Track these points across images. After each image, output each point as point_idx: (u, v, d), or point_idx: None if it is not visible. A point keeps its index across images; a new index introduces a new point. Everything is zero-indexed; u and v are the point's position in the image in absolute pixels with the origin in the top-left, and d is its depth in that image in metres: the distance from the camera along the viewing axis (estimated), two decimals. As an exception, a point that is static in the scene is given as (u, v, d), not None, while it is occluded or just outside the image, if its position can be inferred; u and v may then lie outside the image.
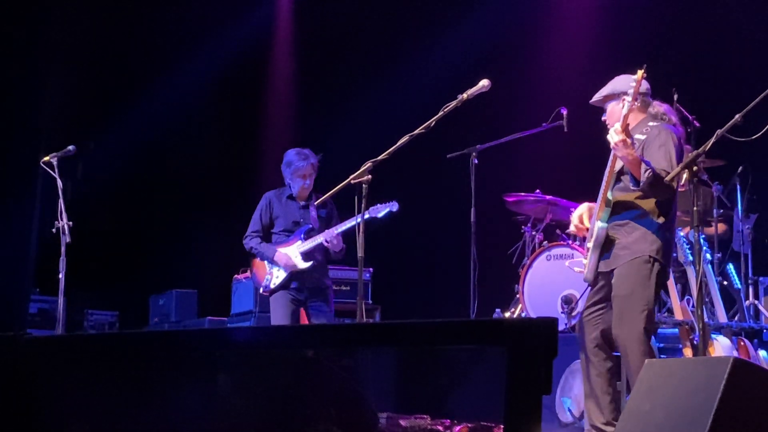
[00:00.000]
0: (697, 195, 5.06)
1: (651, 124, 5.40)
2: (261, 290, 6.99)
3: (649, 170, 5.12)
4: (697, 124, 7.34)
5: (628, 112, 5.18)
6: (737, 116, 4.90)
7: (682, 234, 6.77)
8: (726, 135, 4.97)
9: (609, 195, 5.29)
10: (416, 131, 5.38)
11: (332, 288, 7.03)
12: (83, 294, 10.20)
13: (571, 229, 5.65)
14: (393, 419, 2.56)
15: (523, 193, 8.21)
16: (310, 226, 6.88)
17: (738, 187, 7.85)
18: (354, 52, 10.76)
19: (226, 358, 2.50)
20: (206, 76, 10.92)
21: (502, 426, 2.19)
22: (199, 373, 2.54)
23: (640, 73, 5.20)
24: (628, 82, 5.32)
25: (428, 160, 8.86)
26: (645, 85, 5.49)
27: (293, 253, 6.82)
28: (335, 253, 6.85)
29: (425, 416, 2.55)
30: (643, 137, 5.34)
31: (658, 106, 5.51)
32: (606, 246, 5.31)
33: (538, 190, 8.17)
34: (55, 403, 2.60)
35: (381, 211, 6.71)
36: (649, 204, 5.28)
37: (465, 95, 5.52)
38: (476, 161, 7.06)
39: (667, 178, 5.17)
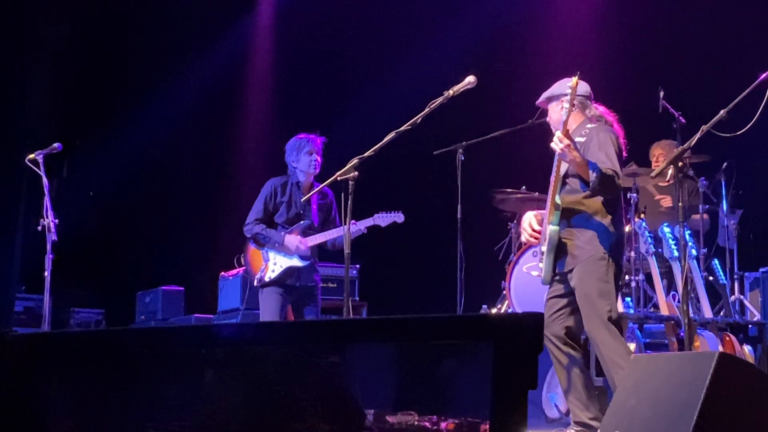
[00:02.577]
0: (682, 190, 5.09)
1: (589, 126, 5.50)
2: (255, 282, 6.91)
3: (596, 171, 5.20)
4: (683, 120, 7.36)
5: (567, 118, 5.23)
6: (722, 112, 4.93)
7: (667, 230, 6.80)
8: (711, 131, 4.99)
9: (557, 199, 5.37)
10: (402, 128, 5.39)
11: (320, 285, 7.01)
12: (69, 292, 10.18)
13: (523, 238, 5.75)
14: (380, 415, 2.56)
15: (509, 190, 8.21)
16: (309, 222, 6.85)
17: (723, 182, 7.89)
18: (339, 51, 10.74)
19: (213, 355, 2.49)
20: (193, 75, 10.91)
21: (488, 422, 2.19)
22: (185, 370, 2.54)
23: (574, 80, 5.27)
24: (567, 86, 5.39)
25: (414, 156, 8.86)
26: (584, 87, 5.57)
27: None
28: (333, 245, 6.86)
29: (412, 412, 2.56)
30: (583, 139, 5.44)
31: (595, 108, 5.63)
32: (560, 248, 5.41)
33: (524, 187, 8.18)
34: (42, 401, 2.59)
35: (386, 221, 6.71)
36: (595, 204, 5.39)
37: (451, 92, 5.53)
38: (462, 157, 7.06)
39: (653, 174, 5.22)
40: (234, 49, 11.08)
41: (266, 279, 6.78)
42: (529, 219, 5.66)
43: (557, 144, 5.20)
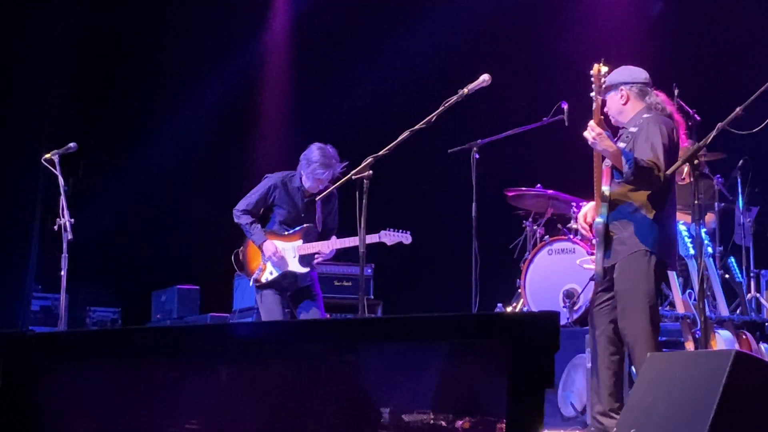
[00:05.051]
0: (698, 188, 5.07)
1: (645, 116, 5.39)
2: (251, 282, 6.86)
3: (629, 162, 5.09)
4: (698, 118, 7.33)
5: (597, 108, 5.19)
6: (738, 109, 4.90)
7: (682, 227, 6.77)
8: (727, 128, 4.97)
9: (605, 190, 5.28)
10: (417, 126, 5.38)
11: (317, 280, 6.91)
12: (85, 291, 10.23)
13: (580, 230, 5.70)
14: (395, 414, 2.56)
15: (524, 188, 8.20)
16: (312, 225, 6.78)
17: (739, 180, 7.85)
18: (352, 47, 10.74)
19: (228, 354, 2.50)
20: (207, 77, 10.93)
21: (504, 420, 2.19)
22: (200, 369, 2.54)
23: (596, 66, 5.23)
24: (629, 73, 5.40)
25: (429, 155, 8.85)
26: (644, 74, 5.49)
27: (290, 252, 6.72)
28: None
29: (428, 411, 2.55)
30: (635, 129, 5.34)
31: (655, 95, 5.51)
32: (606, 241, 5.31)
33: (539, 185, 8.16)
34: (58, 400, 2.60)
35: (392, 239, 6.66)
36: (641, 198, 5.29)
37: (466, 90, 5.52)
38: (477, 156, 7.06)
39: (668, 171, 5.17)
40: (253, 53, 11.10)
41: (262, 280, 6.74)
42: (586, 210, 5.56)
43: (589, 134, 5.11)
